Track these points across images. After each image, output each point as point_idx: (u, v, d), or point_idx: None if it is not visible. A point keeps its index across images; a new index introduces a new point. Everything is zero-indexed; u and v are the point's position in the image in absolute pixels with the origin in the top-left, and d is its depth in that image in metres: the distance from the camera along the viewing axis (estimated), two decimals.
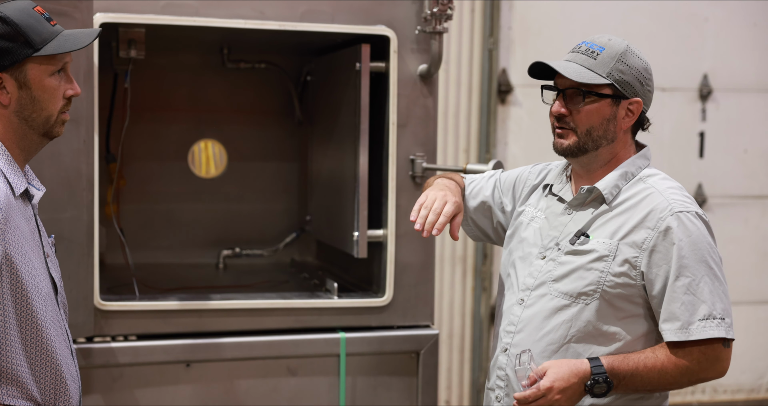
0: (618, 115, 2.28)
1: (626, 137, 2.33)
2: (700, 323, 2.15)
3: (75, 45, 2.06)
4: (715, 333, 2.15)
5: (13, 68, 2.01)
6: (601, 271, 2.24)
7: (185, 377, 3.04)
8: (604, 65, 2.27)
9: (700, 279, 2.16)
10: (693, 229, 2.19)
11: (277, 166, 4.22)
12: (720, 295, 2.17)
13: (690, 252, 2.17)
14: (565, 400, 2.19)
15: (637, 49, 2.34)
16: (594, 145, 2.29)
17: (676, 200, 2.23)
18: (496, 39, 5.26)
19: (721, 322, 2.16)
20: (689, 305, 2.16)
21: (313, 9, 3.08)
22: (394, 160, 3.17)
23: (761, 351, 5.83)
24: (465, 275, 5.33)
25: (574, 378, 2.18)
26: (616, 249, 2.23)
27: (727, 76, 5.65)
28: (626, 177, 2.31)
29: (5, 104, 2.02)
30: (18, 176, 2.03)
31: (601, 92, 2.27)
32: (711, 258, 2.18)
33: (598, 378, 2.17)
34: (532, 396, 2.18)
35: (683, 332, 2.16)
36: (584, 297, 2.25)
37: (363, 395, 3.18)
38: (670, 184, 2.30)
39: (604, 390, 2.19)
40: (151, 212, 4.08)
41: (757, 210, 5.76)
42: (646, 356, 2.20)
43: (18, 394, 1.97)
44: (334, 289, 3.24)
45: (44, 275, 2.05)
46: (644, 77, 2.30)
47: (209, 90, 4.10)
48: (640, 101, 2.29)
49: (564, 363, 2.21)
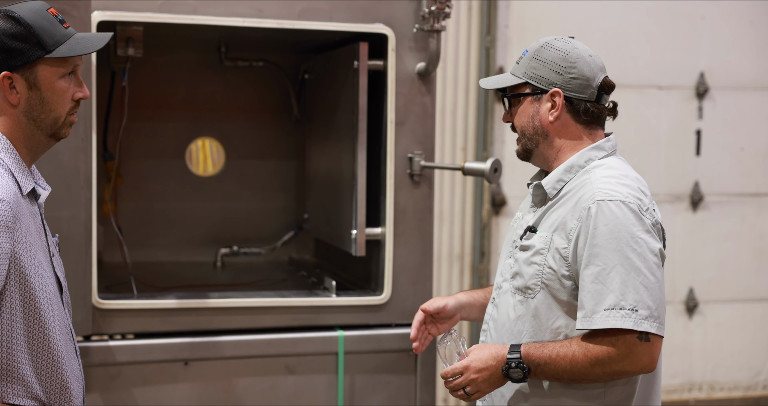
0: (541, 110, 2.29)
1: (568, 130, 2.30)
2: (604, 313, 2.09)
3: (87, 49, 2.07)
4: (619, 324, 2.08)
5: (23, 69, 2.02)
6: (539, 264, 2.25)
7: (183, 375, 3.04)
8: (522, 66, 2.33)
9: (611, 268, 2.10)
10: (611, 217, 2.13)
11: (274, 165, 4.22)
12: (636, 286, 2.09)
13: (604, 240, 2.12)
14: (483, 381, 2.22)
15: (563, 42, 2.29)
16: (533, 144, 2.33)
17: (602, 189, 2.18)
18: (493, 37, 5.26)
19: (631, 313, 2.08)
20: (596, 293, 2.11)
21: (311, 7, 3.08)
22: (392, 159, 3.17)
23: (757, 349, 5.84)
24: (462, 273, 5.33)
25: (492, 361, 2.21)
26: (550, 241, 2.23)
27: (724, 74, 5.65)
28: (572, 170, 2.28)
29: (14, 104, 2.03)
30: (26, 176, 2.04)
31: (520, 92, 2.33)
32: (630, 248, 2.10)
33: (511, 363, 2.18)
34: (450, 372, 2.26)
35: (587, 321, 2.13)
36: (529, 291, 2.26)
37: (361, 393, 3.18)
38: (609, 173, 2.23)
39: (521, 375, 2.19)
40: (149, 211, 4.08)
41: (754, 208, 5.76)
42: (561, 344, 2.17)
43: (23, 393, 1.97)
44: (332, 287, 3.24)
45: (50, 275, 2.06)
46: (561, 66, 2.26)
47: (207, 88, 4.10)
48: (558, 91, 2.26)
49: (487, 346, 2.26)
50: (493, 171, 3.02)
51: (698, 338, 5.74)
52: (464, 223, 5.32)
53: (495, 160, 3.04)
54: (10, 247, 1.91)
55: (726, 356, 5.79)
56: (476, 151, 5.30)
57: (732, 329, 5.79)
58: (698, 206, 5.68)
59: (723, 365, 5.80)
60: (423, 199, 3.22)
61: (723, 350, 5.79)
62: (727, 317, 5.78)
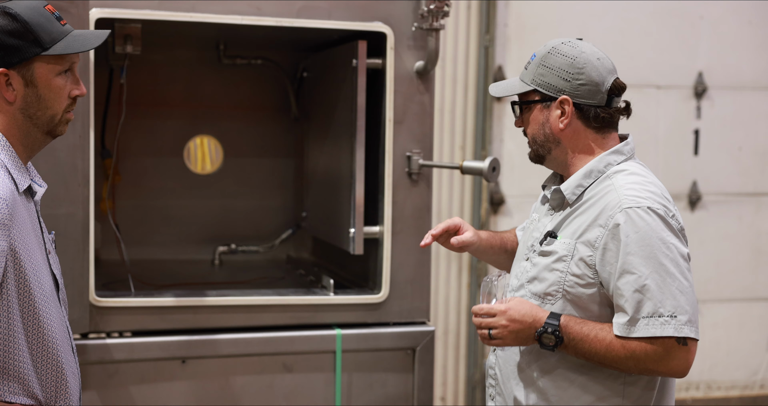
0: (551, 117, 2.28)
1: (580, 136, 2.30)
2: (644, 321, 2.11)
3: (84, 46, 2.06)
4: (658, 332, 2.10)
5: (20, 66, 2.01)
6: (561, 271, 2.24)
7: (181, 373, 3.04)
8: (530, 73, 2.32)
9: (647, 276, 2.11)
10: (641, 224, 2.13)
11: (273, 163, 4.21)
12: (672, 291, 2.11)
13: (637, 248, 2.13)
14: (511, 331, 2.22)
15: (570, 47, 2.28)
16: (545, 151, 2.33)
17: (627, 196, 2.18)
18: (492, 36, 5.25)
19: (670, 319, 2.10)
20: (634, 302, 2.12)
21: (310, 5, 3.08)
22: (391, 157, 3.17)
23: (755, 348, 5.85)
24: (460, 272, 5.33)
25: (530, 318, 2.21)
26: (573, 249, 2.23)
27: (722, 74, 5.65)
28: (591, 175, 2.28)
29: (11, 101, 2.02)
30: (22, 173, 2.03)
31: (529, 99, 2.32)
32: (663, 253, 2.12)
33: (548, 327, 2.18)
34: (485, 310, 2.25)
35: (627, 329, 2.14)
36: (549, 298, 2.26)
37: (359, 391, 3.18)
38: (633, 180, 2.24)
39: (553, 343, 2.19)
40: (147, 208, 4.07)
41: (751, 207, 5.77)
42: (601, 327, 2.18)
43: (19, 391, 1.97)
44: (330, 285, 3.24)
45: (46, 272, 2.05)
46: (569, 73, 2.25)
47: (205, 86, 4.09)
48: (566, 98, 2.26)
49: (529, 303, 2.25)
50: (491, 170, 3.02)
51: None
52: None
53: (493, 159, 3.04)
54: (7, 245, 1.91)
55: (723, 356, 5.80)
56: (475, 150, 5.29)
57: (729, 329, 5.79)
58: (696, 205, 5.68)
59: (720, 364, 5.80)
60: (421, 197, 3.22)
61: (720, 350, 5.79)
62: (725, 316, 5.78)
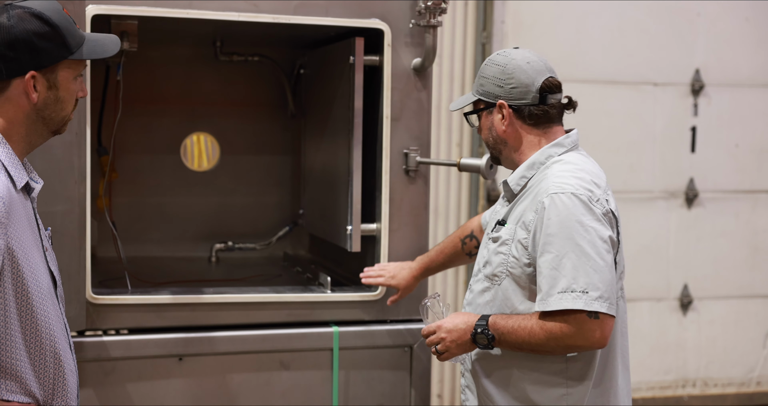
0: (494, 121, 2.53)
1: (521, 134, 2.51)
2: (558, 295, 2.30)
3: (105, 52, 2.12)
4: (570, 305, 2.28)
5: (47, 69, 2.04)
6: (504, 254, 2.47)
7: (178, 371, 3.04)
8: (475, 85, 2.59)
9: (564, 255, 2.30)
10: (562, 208, 2.33)
11: (270, 160, 4.21)
12: (586, 270, 2.29)
13: (556, 229, 2.32)
14: (451, 341, 2.49)
15: (502, 56, 2.51)
16: (497, 152, 2.59)
17: (555, 183, 2.38)
18: (490, 33, 5.25)
19: (582, 295, 2.28)
20: (550, 278, 2.32)
21: (307, 2, 3.08)
22: (388, 154, 3.17)
23: (751, 345, 5.86)
24: (457, 269, 5.33)
25: (462, 325, 2.48)
26: (514, 233, 2.46)
27: (719, 71, 5.66)
28: (534, 167, 2.50)
29: (33, 102, 2.05)
30: (19, 169, 2.03)
31: (476, 109, 2.58)
32: (580, 235, 2.30)
33: (478, 329, 2.43)
34: (424, 330, 2.59)
35: (543, 303, 2.33)
36: (496, 278, 2.49)
37: (356, 388, 3.18)
38: (565, 168, 2.42)
39: (486, 341, 2.43)
40: (144, 206, 4.07)
41: (748, 205, 5.77)
42: (524, 317, 2.39)
43: (17, 389, 1.97)
44: (327, 283, 3.24)
45: (44, 269, 2.05)
46: (501, 79, 2.49)
47: (202, 83, 4.09)
48: (502, 102, 2.49)
49: (462, 314, 2.53)
50: (488, 167, 3.02)
51: (692, 334, 5.75)
52: (459, 219, 5.32)
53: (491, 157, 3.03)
54: (4, 243, 1.90)
55: (720, 353, 5.81)
56: (472, 147, 5.30)
57: (726, 326, 5.80)
58: (693, 202, 5.68)
59: (717, 361, 5.81)
60: (418, 194, 3.22)
61: (717, 347, 5.80)
62: (722, 313, 5.79)
